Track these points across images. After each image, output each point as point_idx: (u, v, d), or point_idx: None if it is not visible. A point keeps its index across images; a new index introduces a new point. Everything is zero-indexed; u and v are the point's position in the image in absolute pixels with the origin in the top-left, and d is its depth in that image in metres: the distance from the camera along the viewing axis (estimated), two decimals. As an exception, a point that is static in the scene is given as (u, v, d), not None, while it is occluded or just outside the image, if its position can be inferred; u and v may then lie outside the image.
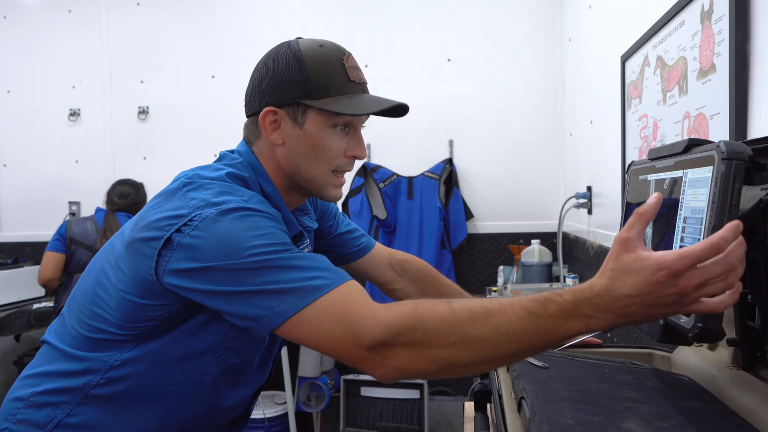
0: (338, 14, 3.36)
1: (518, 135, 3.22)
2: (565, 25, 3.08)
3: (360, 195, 3.27)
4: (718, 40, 1.16)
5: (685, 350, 1.03)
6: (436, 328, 0.75)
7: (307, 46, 0.98)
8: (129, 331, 0.91)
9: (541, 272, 2.83)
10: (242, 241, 0.83)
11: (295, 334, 0.81)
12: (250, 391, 1.08)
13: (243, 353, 0.98)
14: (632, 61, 1.79)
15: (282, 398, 3.02)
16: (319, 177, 1.00)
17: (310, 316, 0.80)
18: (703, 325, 0.68)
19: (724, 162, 0.68)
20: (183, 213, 0.86)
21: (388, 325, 0.76)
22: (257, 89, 1.00)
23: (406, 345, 0.75)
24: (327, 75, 0.96)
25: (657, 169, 0.90)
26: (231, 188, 0.91)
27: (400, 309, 0.78)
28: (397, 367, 0.76)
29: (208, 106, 3.48)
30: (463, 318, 0.75)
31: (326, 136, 0.97)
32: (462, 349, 0.74)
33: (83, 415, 0.93)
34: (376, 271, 1.31)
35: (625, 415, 0.77)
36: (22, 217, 3.69)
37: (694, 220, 0.73)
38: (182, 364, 0.94)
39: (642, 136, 1.69)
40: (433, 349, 0.75)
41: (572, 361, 1.04)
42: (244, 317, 0.83)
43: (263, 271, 0.82)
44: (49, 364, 0.96)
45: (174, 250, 0.84)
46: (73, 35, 3.62)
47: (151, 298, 0.88)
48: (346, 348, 0.78)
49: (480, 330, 0.74)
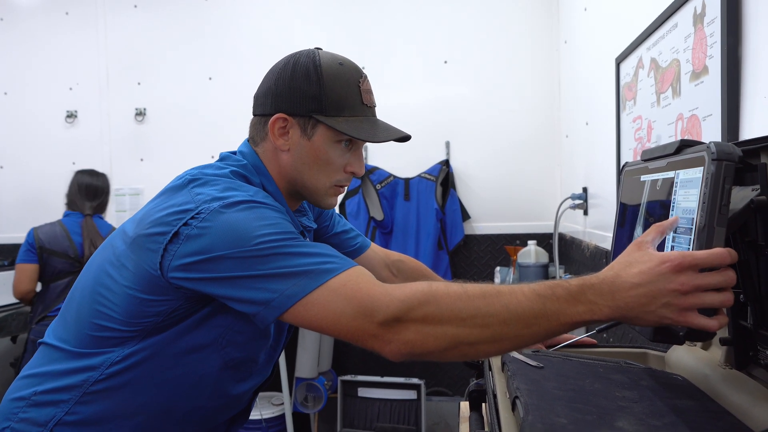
0: (335, 16, 3.37)
1: (514, 136, 3.23)
2: (560, 28, 3.10)
3: (357, 196, 3.28)
4: (710, 42, 1.17)
5: (678, 350, 1.04)
6: (448, 304, 0.77)
7: (327, 61, 1.00)
8: (133, 327, 0.92)
9: (538, 273, 2.84)
10: (250, 230, 0.84)
11: (305, 317, 0.81)
12: (253, 386, 1.08)
13: (246, 348, 0.99)
14: (627, 63, 1.80)
15: (279, 399, 3.02)
16: (320, 188, 1.03)
17: (320, 298, 0.80)
18: (695, 325, 0.69)
19: (714, 163, 0.69)
20: (190, 207, 0.87)
21: (402, 300, 0.77)
22: (271, 92, 1.01)
23: (418, 320, 0.77)
24: (343, 94, 0.99)
25: (650, 170, 0.91)
26: (236, 184, 0.93)
27: (414, 286, 0.79)
28: (409, 342, 0.77)
29: (206, 108, 3.49)
30: (475, 295, 0.77)
31: (331, 151, 1.00)
32: (472, 325, 0.76)
33: (83, 413, 0.93)
34: (372, 270, 1.31)
35: (618, 414, 0.77)
36: (19, 219, 3.68)
37: (685, 221, 0.74)
38: (184, 356, 0.95)
39: (636, 138, 1.70)
40: (444, 324, 0.76)
41: (567, 361, 1.05)
42: (252, 302, 0.83)
43: (272, 258, 0.83)
44: (50, 364, 0.96)
45: (181, 244, 0.85)
46: (71, 37, 3.62)
47: (154, 294, 0.89)
48: (356, 325, 0.79)
49: (491, 307, 0.76)
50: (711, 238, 0.68)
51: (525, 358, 1.02)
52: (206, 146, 3.30)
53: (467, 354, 0.79)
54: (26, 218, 3.67)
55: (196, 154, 3.00)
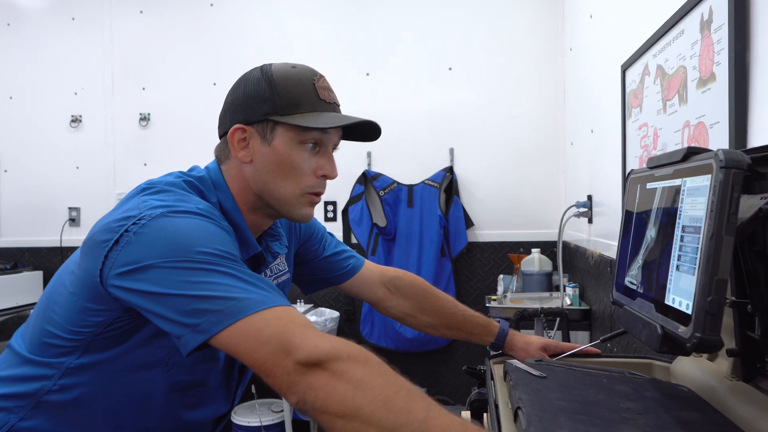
0: (339, 22, 3.37)
1: (519, 144, 3.22)
2: (566, 35, 3.09)
3: (360, 203, 3.27)
4: (717, 49, 1.16)
5: (684, 360, 1.02)
6: (373, 374, 0.71)
7: (278, 67, 0.99)
8: (74, 335, 0.89)
9: (541, 281, 2.83)
10: (190, 240, 0.80)
11: (228, 343, 0.75)
12: (208, 416, 1.04)
13: (192, 371, 0.96)
14: (632, 70, 1.79)
15: (279, 406, 3.01)
16: (289, 196, 0.98)
17: (252, 325, 0.74)
18: (702, 335, 0.67)
19: (722, 170, 0.67)
20: (133, 214, 0.84)
21: (332, 347, 0.72)
22: (228, 109, 1.00)
23: (335, 373, 0.70)
24: (297, 92, 0.96)
25: (656, 177, 0.90)
26: (188, 197, 0.91)
27: (353, 344, 0.74)
28: (314, 390, 0.70)
29: (210, 113, 3.46)
30: (402, 386, 0.71)
31: (294, 154, 0.97)
32: (382, 406, 0.68)
33: (36, 420, 0.92)
34: (368, 290, 1.30)
35: (622, 426, 0.76)
36: (22, 223, 3.69)
37: (693, 229, 0.72)
38: (130, 375, 0.92)
39: (642, 145, 1.69)
40: (357, 389, 0.69)
41: (570, 371, 1.03)
42: (178, 323, 0.77)
43: (207, 273, 0.78)
44: (8, 369, 0.95)
45: (120, 251, 0.81)
46: (76, 42, 3.63)
47: (94, 302, 0.86)
48: (274, 359, 0.72)
49: (411, 402, 0.69)
50: (719, 247, 0.67)
51: (528, 368, 1.01)
52: (210, 151, 3.25)
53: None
54: (30, 222, 3.68)
55: (200, 159, 2.98)
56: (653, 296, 0.82)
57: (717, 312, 0.67)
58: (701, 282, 0.67)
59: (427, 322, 1.32)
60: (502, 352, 1.28)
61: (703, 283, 0.67)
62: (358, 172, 3.29)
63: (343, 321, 3.28)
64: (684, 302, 0.72)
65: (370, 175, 3.28)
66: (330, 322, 3.01)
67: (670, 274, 0.77)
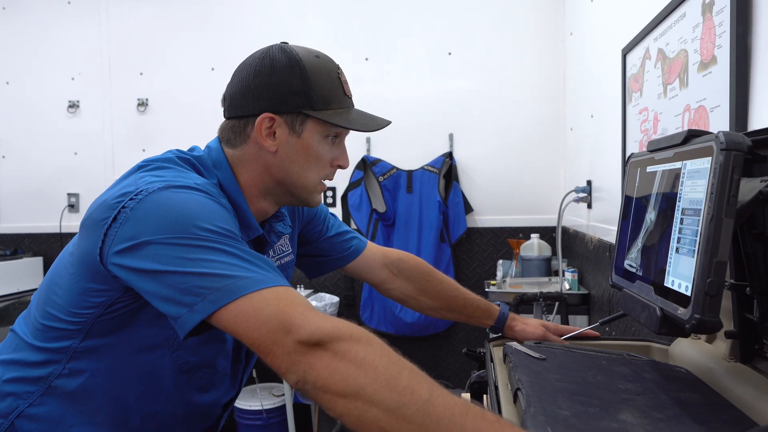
0: (338, 8, 3.35)
1: (518, 129, 3.21)
2: (566, 19, 3.07)
3: (359, 188, 3.27)
4: (719, 32, 1.15)
5: (682, 342, 1.03)
6: (376, 354, 0.71)
7: (305, 55, 0.97)
8: (75, 317, 0.89)
9: (540, 266, 2.84)
10: (189, 216, 0.79)
11: (227, 321, 0.74)
12: (217, 400, 1.04)
13: (198, 352, 0.97)
14: (633, 55, 1.78)
15: (280, 390, 3.03)
16: (310, 185, 1.01)
17: (252, 304, 0.73)
18: (701, 317, 0.68)
19: (722, 153, 0.68)
20: (131, 189, 0.83)
21: (333, 327, 0.72)
22: (251, 94, 0.97)
23: (337, 353, 0.70)
24: (327, 87, 0.97)
25: (656, 160, 0.90)
26: (185, 173, 0.91)
27: (353, 324, 0.74)
28: (315, 370, 0.69)
29: (208, 99, 3.46)
30: (406, 366, 0.72)
31: (320, 146, 0.99)
32: (385, 385, 0.68)
33: (45, 406, 0.92)
34: (371, 272, 1.31)
35: (621, 407, 0.77)
36: (21, 209, 3.68)
37: (692, 212, 0.73)
38: (137, 357, 0.92)
39: (642, 130, 1.69)
40: (359, 368, 0.69)
41: (569, 353, 1.04)
42: (176, 302, 0.76)
43: (206, 250, 0.77)
44: (14, 353, 0.95)
45: (118, 228, 0.81)
46: (73, 26, 3.60)
47: (95, 281, 0.86)
48: (274, 338, 0.71)
49: (414, 383, 0.70)
50: (719, 229, 0.67)
51: (527, 350, 1.02)
52: (208, 136, 3.25)
53: (357, 414, 0.68)
54: (29, 208, 3.68)
55: (198, 144, 2.99)
56: (652, 279, 0.82)
57: (716, 293, 0.67)
58: (701, 264, 0.68)
59: (429, 305, 1.33)
60: (502, 335, 1.29)
61: (703, 265, 0.68)
62: (358, 157, 3.29)
63: (343, 306, 3.30)
64: (683, 284, 0.72)
65: (370, 161, 3.28)
66: (330, 307, 3.02)
67: (669, 257, 0.77)
